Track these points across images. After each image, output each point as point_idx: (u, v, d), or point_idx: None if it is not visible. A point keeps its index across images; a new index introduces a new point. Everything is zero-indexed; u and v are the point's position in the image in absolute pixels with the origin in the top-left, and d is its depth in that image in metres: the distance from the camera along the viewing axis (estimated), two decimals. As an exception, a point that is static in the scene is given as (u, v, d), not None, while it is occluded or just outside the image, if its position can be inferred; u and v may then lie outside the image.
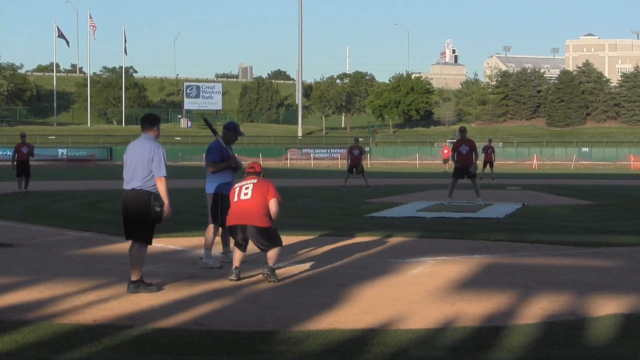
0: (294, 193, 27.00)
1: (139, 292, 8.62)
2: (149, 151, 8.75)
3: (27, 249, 12.34)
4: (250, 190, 9.47)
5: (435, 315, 7.50)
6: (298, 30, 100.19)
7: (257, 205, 9.38)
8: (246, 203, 9.41)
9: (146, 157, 8.73)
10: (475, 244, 12.93)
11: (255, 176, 9.71)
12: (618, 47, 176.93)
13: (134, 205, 8.73)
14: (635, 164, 71.43)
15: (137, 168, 8.76)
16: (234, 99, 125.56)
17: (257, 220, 9.35)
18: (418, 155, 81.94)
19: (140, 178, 8.73)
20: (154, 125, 9.09)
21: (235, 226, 9.47)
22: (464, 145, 21.31)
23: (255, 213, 9.35)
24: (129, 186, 8.80)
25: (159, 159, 8.77)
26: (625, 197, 24.98)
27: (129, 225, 8.85)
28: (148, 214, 8.70)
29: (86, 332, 6.75)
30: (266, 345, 6.36)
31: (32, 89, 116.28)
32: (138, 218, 8.73)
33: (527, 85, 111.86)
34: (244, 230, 9.40)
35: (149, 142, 8.86)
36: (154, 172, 8.73)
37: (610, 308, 7.73)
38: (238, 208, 9.46)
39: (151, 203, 8.71)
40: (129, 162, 8.86)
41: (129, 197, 8.78)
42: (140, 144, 8.91)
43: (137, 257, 8.79)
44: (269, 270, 9.30)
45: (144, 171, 8.72)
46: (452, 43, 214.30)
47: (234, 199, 9.57)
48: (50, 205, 21.34)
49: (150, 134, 9.01)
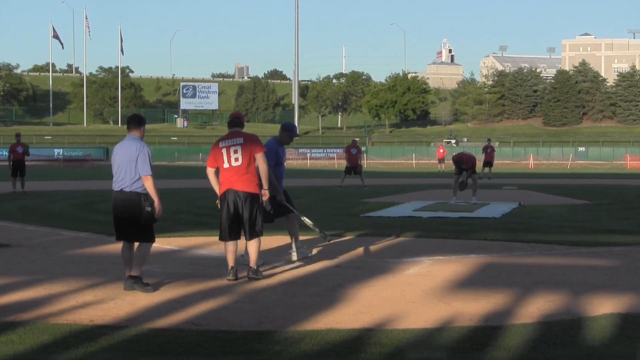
0: (290, 193, 26.85)
1: (135, 290, 8.64)
2: (134, 151, 8.78)
3: (24, 249, 12.33)
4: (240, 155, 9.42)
5: (431, 315, 7.50)
6: (294, 30, 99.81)
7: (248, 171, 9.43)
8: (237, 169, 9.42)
9: (133, 157, 8.76)
10: (472, 243, 12.94)
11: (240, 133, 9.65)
12: (614, 46, 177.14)
13: (125, 207, 8.78)
14: (631, 163, 71.59)
15: (124, 169, 8.79)
16: (231, 99, 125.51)
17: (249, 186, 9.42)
18: (414, 155, 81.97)
19: (129, 179, 8.76)
20: (140, 125, 9.11)
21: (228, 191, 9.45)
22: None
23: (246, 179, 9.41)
24: (118, 187, 8.84)
25: (143, 158, 8.77)
26: (621, 197, 25.01)
27: (121, 226, 8.89)
28: (140, 215, 8.73)
29: (82, 332, 6.74)
30: (263, 345, 6.35)
31: (28, 89, 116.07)
32: (131, 220, 8.76)
33: (523, 84, 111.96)
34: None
35: (134, 142, 8.88)
36: (140, 172, 8.75)
37: (606, 307, 7.74)
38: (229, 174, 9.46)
39: (142, 204, 8.74)
40: (117, 164, 8.89)
41: (119, 198, 8.82)
42: (126, 145, 8.93)
43: (140, 254, 8.86)
44: (253, 273, 9.37)
45: (132, 172, 8.76)
46: (449, 43, 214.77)
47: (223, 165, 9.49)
48: (46, 206, 21.32)
49: (136, 134, 9.03)
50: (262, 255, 9.98)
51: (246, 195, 9.38)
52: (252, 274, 9.38)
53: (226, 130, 9.89)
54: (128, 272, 8.87)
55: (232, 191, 9.37)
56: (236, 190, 9.36)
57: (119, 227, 8.95)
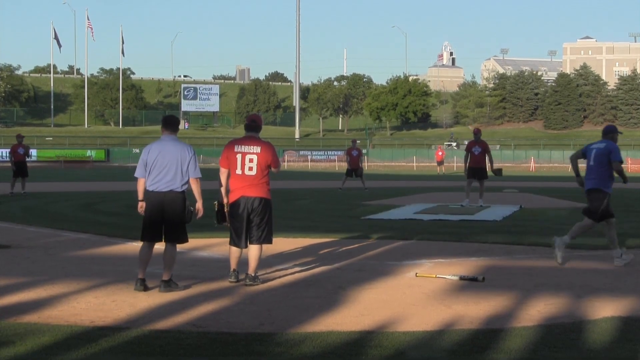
0: (291, 195, 27.00)
1: (172, 291, 8.80)
2: (187, 153, 9.00)
3: (25, 250, 12.33)
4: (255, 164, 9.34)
5: (432, 317, 7.50)
6: (295, 32, 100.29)
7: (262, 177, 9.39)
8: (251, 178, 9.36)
9: (185, 160, 8.97)
10: (473, 246, 12.94)
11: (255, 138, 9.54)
12: (615, 50, 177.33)
13: (173, 207, 8.93)
14: (632, 166, 71.53)
15: (174, 170, 8.94)
16: (232, 101, 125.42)
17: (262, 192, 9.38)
18: (415, 158, 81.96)
19: (179, 180, 8.96)
20: (178, 127, 9.34)
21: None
22: (477, 147, 21.70)
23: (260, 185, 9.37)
24: (167, 188, 8.93)
25: (195, 160, 9.09)
26: (621, 200, 24.97)
27: (158, 226, 9.00)
28: (184, 214, 8.97)
29: (83, 334, 6.75)
30: (263, 347, 6.36)
31: (29, 90, 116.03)
32: (176, 219, 8.96)
33: (524, 87, 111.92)
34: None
35: (184, 145, 9.11)
36: (193, 174, 9.02)
37: (607, 311, 7.74)
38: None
39: (186, 204, 8.99)
40: (163, 164, 8.95)
41: (168, 198, 8.93)
42: (174, 146, 9.04)
43: (171, 257, 9.03)
44: (251, 280, 9.24)
45: (183, 173, 8.96)
46: (450, 45, 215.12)
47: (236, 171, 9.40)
48: (47, 207, 21.32)
49: (174, 135, 9.19)
50: (263, 257, 9.90)
51: (260, 200, 9.32)
52: (249, 280, 9.24)
53: (227, 132, 9.87)
54: (142, 273, 8.93)
55: (245, 198, 9.29)
56: (249, 196, 9.30)
57: (155, 227, 9.02)
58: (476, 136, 22.19)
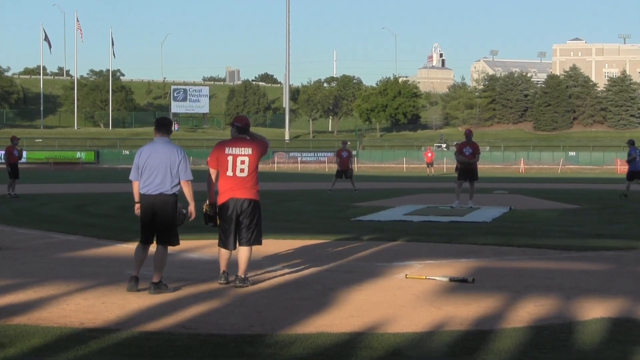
0: (281, 197, 27.00)
1: (162, 293, 8.77)
2: (176, 156, 8.95)
3: (14, 252, 12.29)
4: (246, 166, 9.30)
5: (422, 319, 7.50)
6: (285, 34, 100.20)
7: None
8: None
9: (175, 162, 8.93)
10: (463, 247, 12.96)
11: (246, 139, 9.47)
12: (605, 51, 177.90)
13: (164, 209, 8.92)
14: (622, 168, 71.62)
15: (164, 172, 8.91)
16: (221, 103, 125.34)
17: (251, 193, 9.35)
18: (405, 159, 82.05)
19: (169, 183, 8.93)
20: (170, 129, 9.31)
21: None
22: (468, 147, 21.67)
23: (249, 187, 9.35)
24: (157, 190, 8.92)
25: (185, 163, 9.03)
26: (611, 201, 25.07)
27: (151, 229, 9.00)
28: (175, 217, 8.96)
29: (73, 335, 6.73)
30: (254, 349, 6.35)
31: (18, 92, 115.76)
32: (166, 222, 8.94)
33: (514, 89, 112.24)
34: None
35: (174, 147, 9.06)
36: (184, 176, 8.96)
37: (597, 312, 7.76)
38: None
39: (178, 206, 8.98)
40: (153, 167, 8.93)
41: (159, 201, 8.92)
42: (164, 148, 9.01)
43: (161, 259, 9.00)
44: (240, 282, 9.21)
45: (172, 176, 8.92)
46: (440, 47, 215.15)
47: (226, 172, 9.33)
48: (37, 209, 21.27)
49: (167, 137, 9.15)
50: (253, 259, 9.88)
51: (249, 202, 9.29)
52: (239, 282, 9.21)
53: (217, 134, 9.85)
54: (136, 271, 8.97)
55: (234, 200, 9.26)
56: (238, 198, 9.28)
57: (149, 230, 9.04)
58: (468, 137, 22.16)
